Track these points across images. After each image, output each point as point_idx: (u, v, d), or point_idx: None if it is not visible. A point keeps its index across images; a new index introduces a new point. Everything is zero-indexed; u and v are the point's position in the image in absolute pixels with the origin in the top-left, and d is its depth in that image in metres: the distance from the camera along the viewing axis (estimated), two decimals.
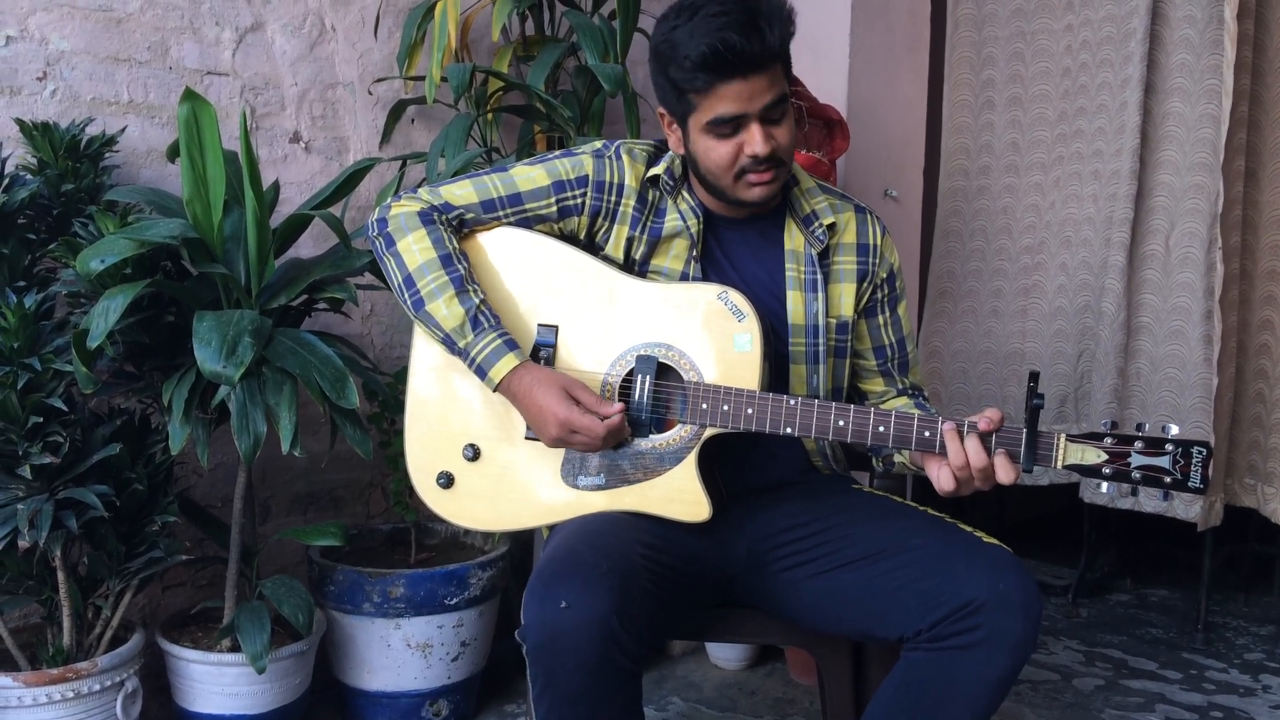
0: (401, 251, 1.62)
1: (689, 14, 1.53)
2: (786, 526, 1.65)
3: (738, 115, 1.55)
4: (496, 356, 1.57)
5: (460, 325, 1.58)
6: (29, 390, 1.78)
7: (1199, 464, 1.45)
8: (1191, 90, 2.69)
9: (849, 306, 1.73)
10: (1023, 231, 3.02)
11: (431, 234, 1.62)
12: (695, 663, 2.82)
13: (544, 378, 1.56)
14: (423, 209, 1.65)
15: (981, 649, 1.44)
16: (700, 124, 1.58)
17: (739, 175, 1.60)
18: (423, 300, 1.60)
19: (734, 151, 1.58)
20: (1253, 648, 3.06)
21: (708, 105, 1.55)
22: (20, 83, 2.13)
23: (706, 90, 1.54)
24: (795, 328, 1.69)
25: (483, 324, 1.58)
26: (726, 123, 1.55)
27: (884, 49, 3.19)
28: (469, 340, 1.58)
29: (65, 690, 1.88)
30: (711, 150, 1.59)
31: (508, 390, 1.58)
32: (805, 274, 1.70)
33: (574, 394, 1.55)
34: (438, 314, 1.59)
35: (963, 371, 3.14)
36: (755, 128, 1.56)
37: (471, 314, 1.58)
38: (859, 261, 1.74)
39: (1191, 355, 2.68)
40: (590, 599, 1.36)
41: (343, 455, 2.48)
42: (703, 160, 1.61)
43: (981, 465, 1.48)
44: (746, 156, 1.57)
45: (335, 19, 2.53)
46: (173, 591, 2.36)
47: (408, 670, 2.29)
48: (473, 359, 1.58)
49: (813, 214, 1.71)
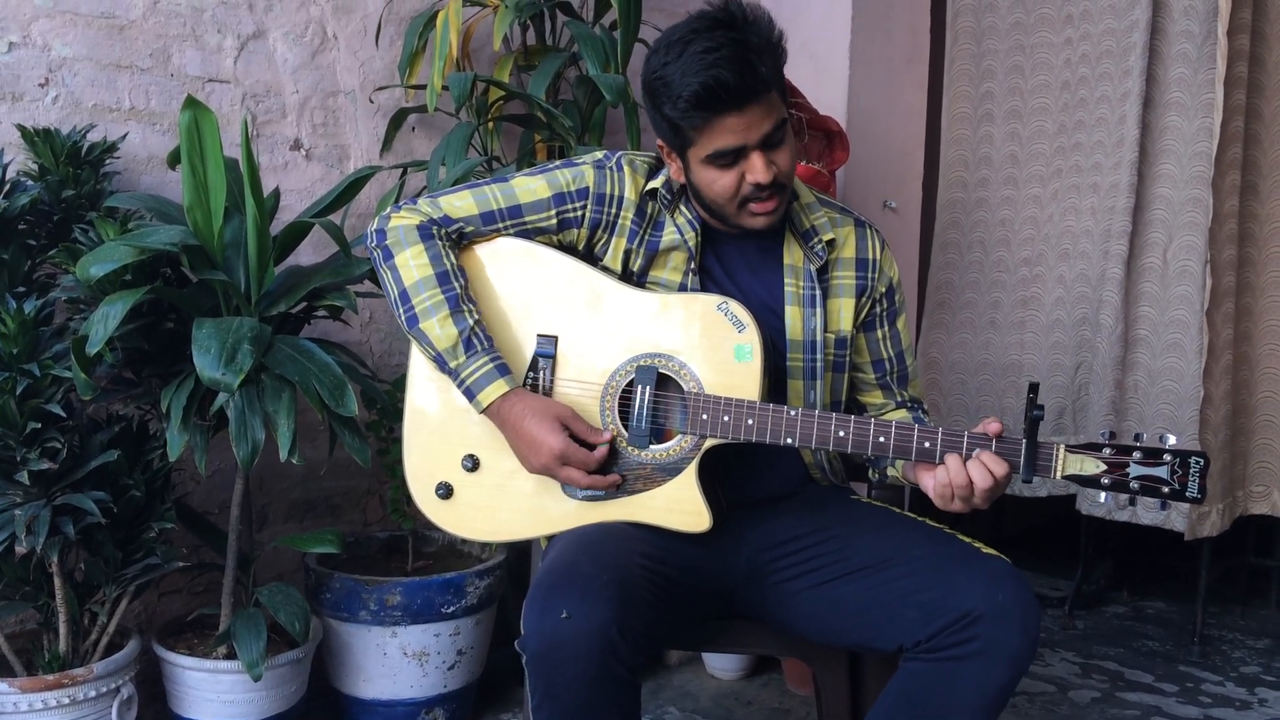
0: (399, 265, 1.62)
1: (678, 50, 1.51)
2: (786, 538, 1.65)
3: (737, 148, 1.54)
4: (487, 380, 1.57)
5: (453, 346, 1.58)
6: (28, 396, 1.78)
7: (1196, 474, 1.45)
8: (1189, 105, 2.70)
9: (847, 321, 1.73)
10: (1021, 243, 3.03)
11: (429, 250, 1.62)
12: (692, 673, 2.82)
13: (539, 407, 1.56)
14: (422, 222, 1.64)
15: (979, 660, 1.44)
16: (699, 157, 1.57)
17: (742, 204, 1.60)
18: (417, 317, 1.60)
19: (736, 181, 1.57)
20: (1249, 661, 3.06)
21: (705, 140, 1.54)
22: (22, 89, 2.13)
23: (703, 126, 1.53)
24: (793, 343, 1.69)
25: (475, 346, 1.58)
26: (726, 155, 1.55)
27: (884, 61, 3.20)
28: (460, 361, 1.58)
29: (61, 696, 1.87)
30: (714, 182, 1.58)
31: (496, 415, 1.58)
32: (804, 289, 1.70)
33: (569, 425, 1.57)
34: (431, 332, 1.59)
35: (961, 383, 3.14)
36: (756, 157, 1.55)
37: (465, 335, 1.58)
38: (858, 276, 1.74)
39: (1189, 368, 2.69)
40: (591, 610, 1.36)
41: (340, 463, 2.48)
42: (705, 191, 1.61)
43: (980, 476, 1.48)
44: (749, 185, 1.57)
45: (337, 27, 2.54)
46: (169, 598, 2.36)
47: (404, 678, 2.29)
48: (462, 380, 1.58)
49: (812, 229, 1.71)
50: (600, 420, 1.61)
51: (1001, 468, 1.48)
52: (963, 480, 1.49)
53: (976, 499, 1.50)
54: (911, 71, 3.27)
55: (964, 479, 1.49)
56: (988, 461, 1.48)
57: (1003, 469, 1.48)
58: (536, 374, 1.64)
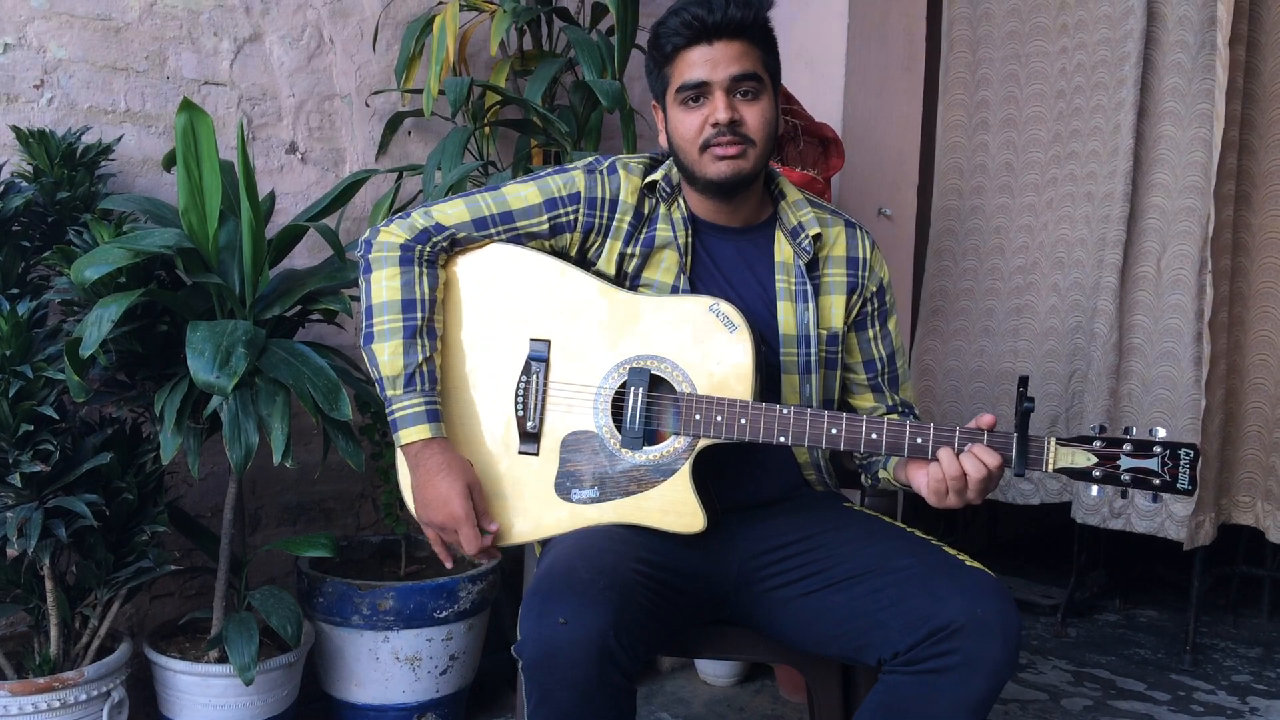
0: (373, 282, 1.65)
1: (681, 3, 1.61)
2: (776, 545, 1.65)
3: (702, 82, 1.60)
4: (414, 420, 1.59)
5: (395, 376, 1.60)
6: (20, 398, 1.77)
7: (1187, 465, 1.46)
8: (1183, 114, 2.71)
9: (839, 318, 1.74)
10: (1015, 251, 3.04)
11: (404, 275, 1.64)
12: (684, 679, 2.82)
13: (457, 466, 1.59)
14: (407, 240, 1.66)
15: (958, 673, 1.44)
16: (672, 98, 1.63)
17: (704, 148, 1.63)
18: (373, 336, 1.63)
19: (700, 122, 1.62)
20: (1240, 669, 3.07)
21: (675, 73, 1.62)
22: (17, 90, 2.13)
23: (674, 57, 1.62)
24: (787, 338, 1.70)
25: (415, 384, 1.60)
26: (692, 89, 1.61)
27: (879, 69, 3.21)
28: (397, 393, 1.60)
29: (51, 700, 1.86)
30: (680, 123, 1.64)
31: (412, 457, 1.60)
32: (795, 285, 1.71)
33: (474, 497, 1.59)
34: (380, 356, 1.61)
35: (955, 390, 3.15)
36: (719, 95, 1.60)
37: (410, 370, 1.60)
38: (849, 274, 1.75)
39: (1183, 377, 2.70)
40: (588, 616, 1.36)
41: (334, 467, 2.47)
42: (674, 136, 1.66)
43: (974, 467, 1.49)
44: (710, 127, 1.61)
45: (334, 31, 2.54)
46: (161, 601, 2.35)
47: (396, 683, 2.28)
48: (392, 412, 1.61)
49: (799, 226, 1.73)
50: (594, 423, 1.62)
51: (994, 458, 1.50)
52: (956, 472, 1.50)
53: (970, 492, 1.51)
54: (907, 79, 3.28)
55: (957, 470, 1.50)
56: (980, 453, 1.50)
57: (995, 460, 1.50)
58: (530, 378, 1.64)
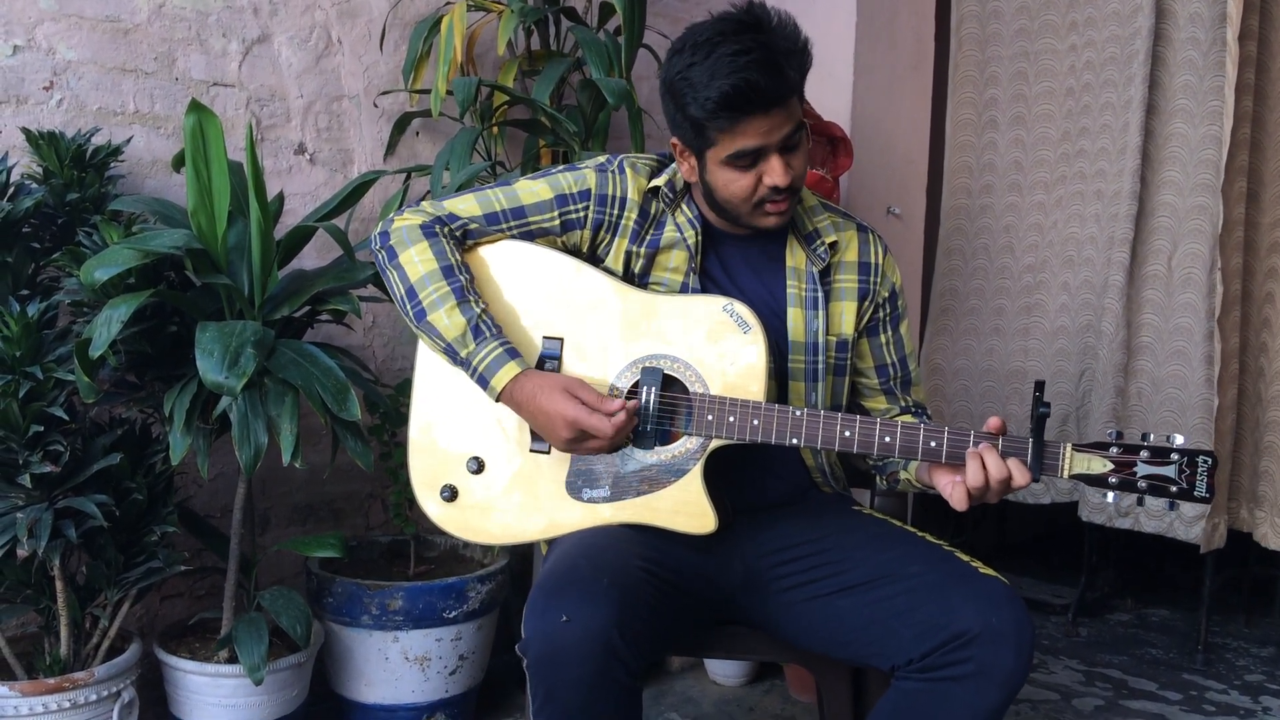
0: (404, 264, 1.62)
1: (705, 51, 1.51)
2: (784, 546, 1.65)
3: (759, 149, 1.55)
4: (498, 365, 1.56)
5: (461, 335, 1.57)
6: (30, 399, 1.78)
7: (1204, 474, 1.45)
8: (1195, 112, 2.70)
9: (849, 325, 1.73)
10: (1025, 250, 3.03)
11: (434, 246, 1.62)
12: (694, 678, 2.81)
13: (547, 382, 1.55)
14: (425, 221, 1.65)
15: (972, 681, 1.43)
16: (719, 158, 1.58)
17: (757, 205, 1.61)
18: (424, 311, 1.59)
19: (753, 183, 1.58)
20: (1253, 669, 3.05)
21: (728, 141, 1.55)
22: (27, 92, 2.13)
23: (729, 128, 1.53)
24: (795, 344, 1.69)
25: (484, 333, 1.57)
26: (747, 156, 1.56)
27: (888, 68, 3.21)
28: (470, 349, 1.57)
29: (62, 700, 1.87)
30: (731, 183, 1.59)
31: (510, 399, 1.57)
32: (806, 291, 1.70)
33: (577, 394, 1.54)
34: (439, 324, 1.58)
35: (965, 389, 3.14)
36: (775, 159, 1.56)
37: (473, 323, 1.57)
38: (860, 280, 1.74)
39: (1194, 375, 2.68)
40: (591, 613, 1.36)
41: (343, 467, 2.47)
42: (720, 192, 1.61)
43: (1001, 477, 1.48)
44: (766, 187, 1.58)
45: (342, 32, 2.54)
46: (171, 602, 2.35)
47: (405, 683, 2.28)
48: (474, 368, 1.57)
49: (815, 232, 1.72)
50: None
51: (1023, 476, 1.48)
52: (980, 482, 1.49)
53: (991, 498, 1.51)
54: (916, 78, 3.27)
55: (981, 481, 1.49)
56: (1012, 467, 1.49)
57: (1024, 478, 1.48)
58: None
